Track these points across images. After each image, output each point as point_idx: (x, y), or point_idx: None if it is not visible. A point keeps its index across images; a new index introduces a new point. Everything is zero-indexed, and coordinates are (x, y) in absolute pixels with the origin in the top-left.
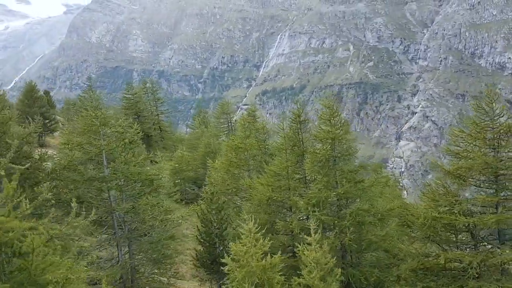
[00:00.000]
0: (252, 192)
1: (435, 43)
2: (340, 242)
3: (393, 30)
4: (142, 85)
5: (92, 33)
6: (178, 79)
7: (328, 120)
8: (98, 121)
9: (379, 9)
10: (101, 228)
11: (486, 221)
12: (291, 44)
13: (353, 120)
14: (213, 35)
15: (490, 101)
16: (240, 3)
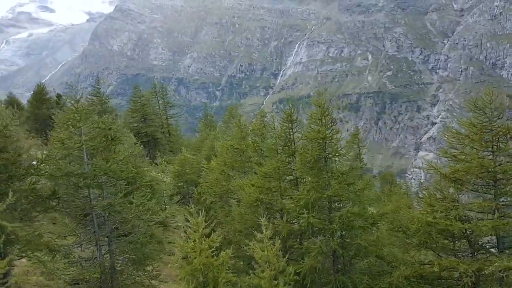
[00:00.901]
0: (241, 193)
1: (455, 53)
2: (330, 246)
3: (413, 40)
4: (152, 89)
5: (114, 41)
6: (196, 86)
7: (319, 120)
8: (78, 115)
9: (399, 19)
10: (82, 226)
11: (482, 227)
12: (309, 53)
13: (370, 129)
14: (232, 44)
15: (488, 101)
16: (259, 12)
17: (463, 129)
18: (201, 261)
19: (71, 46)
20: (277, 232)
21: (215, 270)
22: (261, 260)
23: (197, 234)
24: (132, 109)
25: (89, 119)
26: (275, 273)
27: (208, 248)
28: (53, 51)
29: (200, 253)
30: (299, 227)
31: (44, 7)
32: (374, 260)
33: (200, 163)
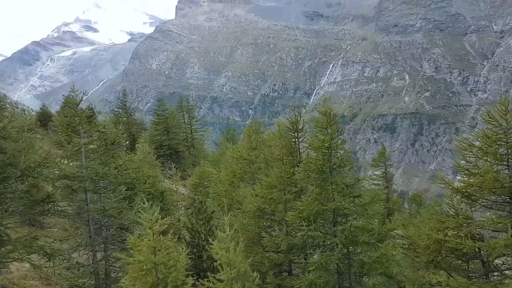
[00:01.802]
0: (245, 203)
1: (495, 75)
2: (333, 262)
3: (451, 61)
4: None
5: (153, 60)
6: (230, 105)
7: (325, 129)
8: (78, 118)
9: (437, 39)
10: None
11: (494, 246)
12: (344, 73)
13: (407, 151)
14: (266, 63)
15: (504, 112)
16: (294, 33)
17: (478, 141)
18: (150, 259)
19: (112, 64)
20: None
21: (167, 270)
22: (221, 262)
23: (150, 231)
24: (156, 121)
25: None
26: (235, 275)
27: (161, 247)
28: (95, 69)
29: (155, 252)
30: (299, 240)
31: (88, 27)
32: (383, 279)
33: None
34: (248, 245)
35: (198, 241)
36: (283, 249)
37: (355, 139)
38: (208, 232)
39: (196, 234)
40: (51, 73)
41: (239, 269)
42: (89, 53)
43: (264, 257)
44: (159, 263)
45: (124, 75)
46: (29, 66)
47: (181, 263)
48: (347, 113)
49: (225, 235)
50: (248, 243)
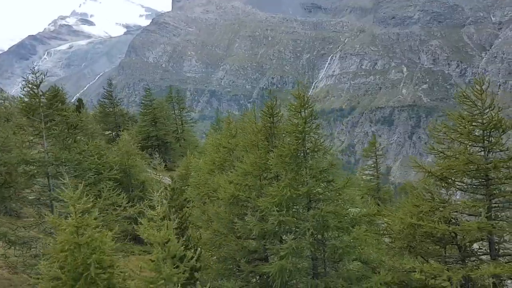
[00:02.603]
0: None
1: (493, 67)
2: (305, 247)
3: (450, 53)
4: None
5: (150, 53)
6: (228, 98)
7: (298, 112)
8: (38, 101)
9: (435, 31)
10: (41, 219)
11: (468, 229)
12: (342, 66)
13: (404, 143)
14: (264, 56)
15: (479, 92)
16: (292, 25)
17: (452, 123)
18: (67, 239)
19: (108, 58)
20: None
21: (89, 251)
22: (151, 241)
23: (72, 209)
24: (143, 112)
25: (51, 106)
26: (166, 255)
27: (83, 225)
28: (91, 62)
29: (77, 232)
30: (271, 226)
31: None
32: (359, 265)
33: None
34: (222, 233)
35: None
36: (256, 236)
37: (353, 132)
38: (181, 220)
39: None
40: (48, 67)
41: (169, 248)
42: (86, 46)
43: (237, 244)
44: (82, 243)
45: (120, 68)
46: (26, 60)
47: (107, 244)
48: (345, 106)
49: (155, 213)
50: (223, 231)
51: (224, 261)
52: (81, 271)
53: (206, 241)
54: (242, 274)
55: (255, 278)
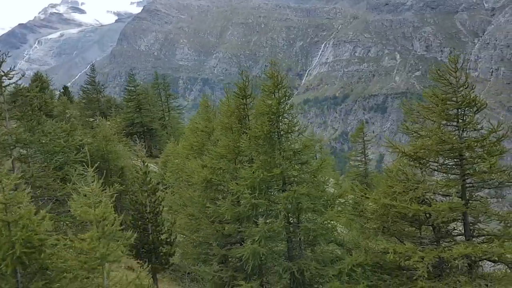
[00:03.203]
0: (192, 174)
1: (486, 54)
2: (285, 232)
3: (442, 40)
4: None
5: (141, 41)
6: (221, 86)
7: (272, 93)
8: (0, 82)
9: (428, 18)
10: None
11: (439, 209)
12: (335, 53)
13: (397, 131)
14: (257, 44)
15: (453, 69)
16: (285, 12)
17: (427, 102)
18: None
19: (99, 46)
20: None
21: (17, 229)
22: (83, 219)
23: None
24: (127, 98)
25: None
26: (101, 234)
27: (12, 202)
28: (82, 50)
29: (6, 209)
30: (243, 209)
31: (75, 8)
32: (334, 247)
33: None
34: (197, 218)
35: (143, 214)
36: (230, 219)
37: (347, 120)
38: (154, 204)
39: (141, 207)
40: (38, 56)
41: (103, 226)
42: (77, 34)
43: (211, 228)
44: (11, 221)
45: (112, 57)
46: (16, 49)
47: (39, 223)
48: (339, 94)
49: (89, 189)
50: (198, 215)
51: (199, 246)
52: (6, 250)
53: (183, 226)
54: (215, 258)
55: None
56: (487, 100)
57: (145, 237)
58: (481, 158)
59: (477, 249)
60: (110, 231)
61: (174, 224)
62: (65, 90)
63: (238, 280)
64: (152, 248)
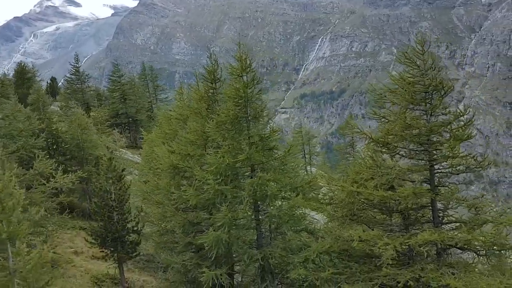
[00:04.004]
0: (160, 161)
1: (483, 49)
2: (254, 220)
3: (439, 35)
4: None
5: (138, 35)
6: None
7: (240, 76)
8: None
9: (425, 13)
10: None
11: (404, 195)
12: (332, 48)
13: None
14: (254, 38)
15: (421, 52)
16: (282, 6)
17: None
18: None
19: (95, 40)
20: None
21: None
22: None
23: None
24: (111, 88)
25: None
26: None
27: None
28: (78, 44)
29: None
30: (208, 196)
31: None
32: (304, 235)
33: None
34: (165, 205)
35: (108, 201)
36: (193, 206)
37: (343, 115)
38: (119, 191)
39: (105, 194)
40: (34, 49)
41: (6, 203)
42: (72, 28)
43: (177, 215)
44: None
45: (108, 51)
46: (11, 42)
47: None
48: (335, 89)
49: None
50: (167, 203)
51: (166, 234)
52: None
53: (151, 214)
54: (179, 246)
55: (197, 250)
56: (483, 95)
57: (110, 225)
58: (447, 143)
59: (443, 236)
60: (9, 208)
61: (141, 212)
62: (53, 81)
63: (203, 268)
64: (117, 237)
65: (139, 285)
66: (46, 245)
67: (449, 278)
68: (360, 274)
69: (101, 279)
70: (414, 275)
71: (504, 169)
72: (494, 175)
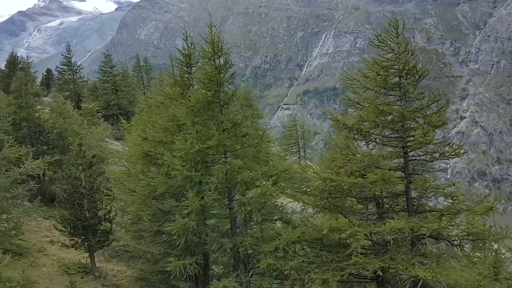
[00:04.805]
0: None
1: (487, 46)
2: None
3: (444, 32)
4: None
5: (141, 30)
6: None
7: (211, 60)
8: None
9: (429, 9)
10: None
11: (373, 181)
12: (336, 44)
13: None
14: (258, 34)
15: (395, 35)
16: (285, 2)
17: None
18: None
19: (99, 34)
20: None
21: None
22: None
23: None
24: (103, 79)
25: None
26: None
27: None
28: (82, 39)
29: None
30: (177, 182)
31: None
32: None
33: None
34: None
35: (78, 188)
36: (162, 193)
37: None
38: (89, 178)
39: (75, 181)
40: (38, 44)
41: None
42: (76, 23)
43: (146, 203)
44: None
45: (111, 46)
46: (15, 37)
47: None
48: (339, 85)
49: None
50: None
51: (137, 222)
52: None
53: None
54: (147, 235)
55: (166, 238)
56: (487, 93)
57: (80, 213)
58: (420, 129)
59: (411, 224)
60: None
61: (113, 200)
62: (48, 73)
63: (172, 257)
64: (88, 225)
65: (112, 275)
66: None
67: (419, 268)
68: (331, 263)
69: (71, 268)
70: (384, 265)
71: (508, 167)
72: (497, 173)
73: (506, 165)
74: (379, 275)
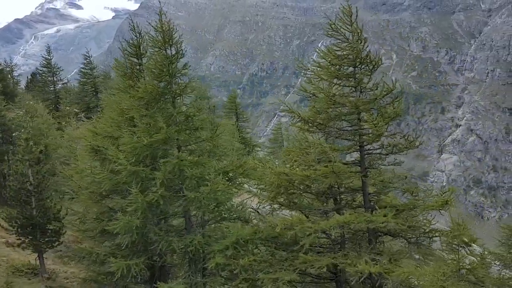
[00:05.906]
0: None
1: (482, 55)
2: (182, 206)
3: (439, 40)
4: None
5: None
6: (217, 84)
7: (162, 49)
8: None
9: (425, 18)
10: None
11: (324, 174)
12: None
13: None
14: (254, 42)
15: (349, 23)
16: (282, 11)
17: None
18: None
19: (96, 42)
20: None
21: None
22: None
23: None
24: (82, 81)
25: None
26: None
27: None
28: (79, 47)
29: None
30: (123, 178)
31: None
32: (238, 224)
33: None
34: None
35: (25, 185)
36: (109, 190)
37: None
38: (37, 175)
39: (21, 178)
40: (35, 51)
41: None
42: (73, 30)
43: (93, 201)
44: None
45: (108, 53)
46: (12, 44)
47: None
48: None
49: None
50: (91, 188)
51: (85, 222)
52: None
53: (76, 200)
54: (92, 234)
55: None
56: (483, 101)
57: (27, 211)
58: (370, 119)
59: (360, 219)
60: None
61: (62, 199)
62: (33, 77)
63: (118, 258)
64: (36, 224)
65: (63, 277)
66: None
67: (368, 265)
68: (285, 262)
69: (19, 269)
70: (334, 262)
71: (503, 175)
72: (493, 181)
73: (502, 173)
74: (337, 274)
